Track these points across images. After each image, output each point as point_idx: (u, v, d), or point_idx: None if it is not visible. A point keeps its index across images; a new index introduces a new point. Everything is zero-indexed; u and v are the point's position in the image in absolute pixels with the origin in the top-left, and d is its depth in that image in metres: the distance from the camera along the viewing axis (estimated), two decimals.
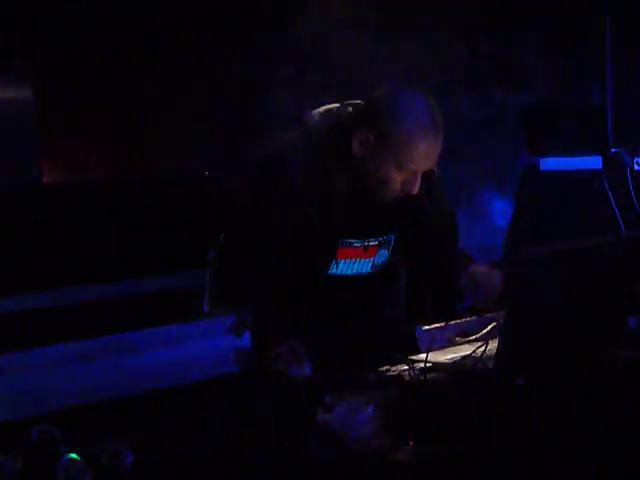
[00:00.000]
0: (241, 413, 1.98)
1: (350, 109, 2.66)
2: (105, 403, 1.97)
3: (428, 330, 2.51)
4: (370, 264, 2.75)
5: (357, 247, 2.71)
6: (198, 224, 2.07)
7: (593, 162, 4.74)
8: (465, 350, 2.39)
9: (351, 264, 2.72)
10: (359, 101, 2.65)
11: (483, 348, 2.31)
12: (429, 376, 2.21)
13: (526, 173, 4.88)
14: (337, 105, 2.72)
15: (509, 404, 2.06)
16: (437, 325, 2.54)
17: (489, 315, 2.56)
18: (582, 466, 1.86)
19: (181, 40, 4.72)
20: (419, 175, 2.56)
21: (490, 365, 2.21)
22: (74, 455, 1.71)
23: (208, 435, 1.89)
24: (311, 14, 4.95)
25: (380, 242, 2.75)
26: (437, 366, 2.29)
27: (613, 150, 4.83)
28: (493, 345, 2.29)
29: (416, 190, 2.58)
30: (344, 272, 2.72)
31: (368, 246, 2.73)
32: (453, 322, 2.54)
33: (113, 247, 2.00)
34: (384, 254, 2.77)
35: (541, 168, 4.76)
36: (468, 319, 2.58)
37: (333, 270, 2.70)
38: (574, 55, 5.63)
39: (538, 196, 4.79)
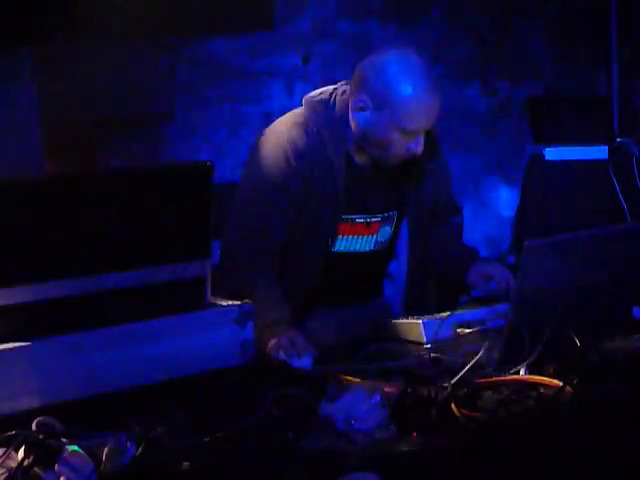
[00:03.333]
0: (244, 404, 1.97)
1: (346, 86, 2.66)
2: (107, 395, 1.96)
3: (432, 320, 2.50)
4: (373, 241, 2.74)
5: (359, 223, 2.71)
6: (202, 214, 2.06)
7: (599, 152, 4.73)
8: (469, 342, 2.38)
9: (353, 241, 2.72)
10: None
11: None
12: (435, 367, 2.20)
13: (532, 163, 4.86)
14: (333, 85, 2.72)
15: (513, 394, 2.06)
16: (441, 315, 2.53)
17: (494, 305, 2.55)
18: (584, 455, 1.84)
19: (184, 32, 4.71)
20: (422, 135, 2.56)
21: (495, 356, 2.20)
22: (76, 447, 1.70)
23: (211, 427, 1.88)
24: (313, 3, 4.93)
25: (383, 218, 2.74)
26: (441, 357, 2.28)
27: (619, 140, 4.82)
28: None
29: (420, 151, 2.57)
30: (346, 249, 2.70)
31: (371, 222, 2.72)
32: (458, 312, 2.52)
33: (115, 238, 1.99)
34: (387, 231, 2.76)
35: (547, 158, 4.75)
36: (473, 310, 2.57)
37: (335, 247, 2.68)
38: (580, 45, 5.60)
39: (544, 186, 4.77)
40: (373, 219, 2.73)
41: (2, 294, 1.89)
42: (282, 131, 2.68)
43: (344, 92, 2.66)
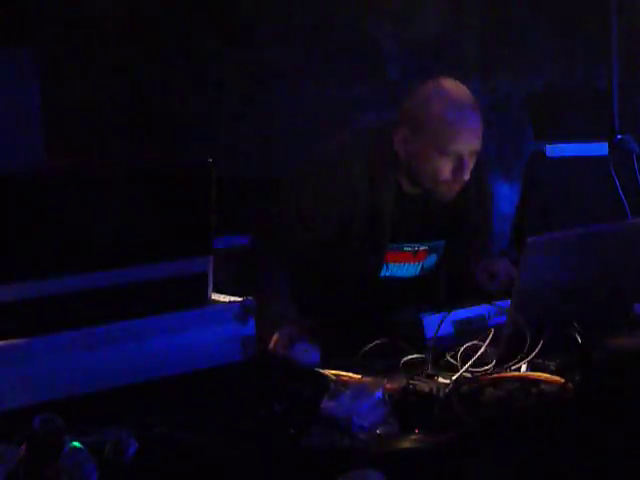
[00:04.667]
0: (246, 401, 1.97)
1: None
2: (108, 391, 1.96)
3: (433, 317, 2.49)
4: (419, 268, 2.78)
5: (407, 252, 2.74)
6: (204, 211, 2.06)
7: (599, 148, 4.72)
8: (471, 338, 2.38)
9: (401, 267, 2.75)
10: None
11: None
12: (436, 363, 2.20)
13: (532, 159, 4.85)
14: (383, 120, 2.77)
15: (514, 391, 2.05)
16: (442, 312, 2.52)
17: (496, 302, 2.55)
18: (585, 452, 1.84)
19: (185, 33, 4.71)
20: (466, 159, 2.57)
21: (496, 352, 2.20)
22: (77, 444, 1.70)
23: (212, 423, 1.88)
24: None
25: (430, 248, 2.77)
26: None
27: (619, 136, 4.81)
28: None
29: (467, 176, 2.58)
30: (393, 274, 2.74)
31: (418, 251, 2.75)
32: (459, 310, 2.53)
33: (117, 234, 1.99)
34: (433, 258, 2.79)
35: (547, 154, 4.74)
36: (474, 307, 2.56)
37: (383, 273, 2.72)
38: (580, 40, 5.60)
39: (544, 182, 4.77)
40: (421, 247, 2.77)
41: (2, 290, 1.89)
42: (333, 155, 2.70)
43: (389, 122, 2.69)
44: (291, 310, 2.54)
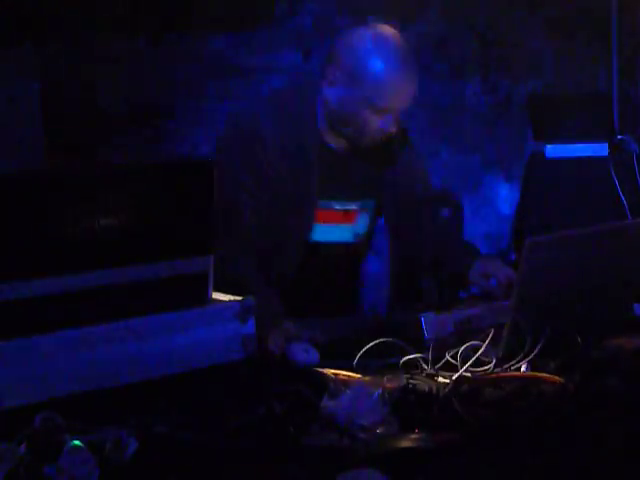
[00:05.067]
0: (245, 400, 1.97)
1: (311, 77, 2.64)
2: (109, 390, 1.96)
3: (433, 317, 2.49)
4: (352, 232, 2.71)
5: (337, 210, 2.67)
6: (204, 210, 2.06)
7: (599, 149, 4.73)
8: (470, 338, 2.38)
9: (332, 230, 2.67)
10: None
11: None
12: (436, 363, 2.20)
13: (532, 160, 4.86)
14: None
15: (514, 391, 2.06)
16: (442, 311, 2.52)
17: (495, 303, 2.55)
18: (585, 452, 1.84)
19: (185, 30, 4.72)
20: (395, 115, 2.53)
21: (496, 352, 2.20)
22: (78, 442, 1.70)
23: (212, 422, 1.89)
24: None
25: (360, 207, 2.71)
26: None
27: (619, 137, 4.82)
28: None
29: (393, 130, 2.53)
30: (326, 239, 2.67)
31: (348, 210, 2.68)
32: (458, 310, 2.52)
33: (116, 233, 1.99)
34: (365, 221, 2.72)
35: (547, 155, 4.75)
36: (474, 307, 2.56)
37: (315, 236, 2.65)
38: (580, 41, 5.60)
39: (544, 183, 4.77)
40: (351, 206, 2.69)
41: (2, 289, 1.89)
42: (252, 115, 2.65)
43: (311, 77, 2.63)
44: (281, 307, 2.50)
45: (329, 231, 2.67)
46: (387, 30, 2.55)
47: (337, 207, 2.66)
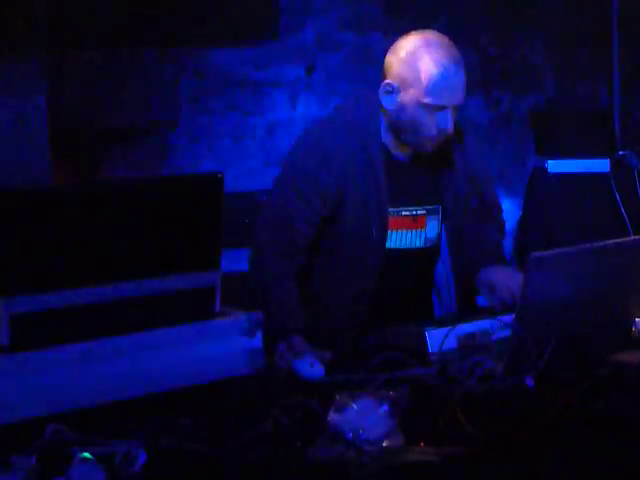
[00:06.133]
0: (253, 414, 1.98)
1: (373, 91, 2.70)
2: (118, 403, 1.97)
3: (437, 330, 2.50)
4: (423, 237, 2.77)
5: (406, 216, 2.73)
6: (213, 224, 2.08)
7: (601, 164, 4.74)
8: (475, 352, 2.39)
9: (404, 236, 2.74)
10: None
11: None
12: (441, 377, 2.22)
13: (534, 175, 4.88)
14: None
15: (519, 405, 2.07)
16: (446, 327, 2.53)
17: (500, 317, 2.56)
18: (589, 468, 1.86)
19: (189, 45, 4.74)
20: (450, 112, 2.59)
21: (500, 367, 2.21)
22: (87, 455, 1.72)
23: (219, 436, 1.90)
24: (317, 14, 4.96)
25: (428, 211, 2.77)
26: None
27: (621, 152, 4.83)
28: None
29: (451, 128, 2.60)
30: (399, 245, 2.73)
31: (417, 215, 2.74)
32: (462, 324, 2.53)
33: (125, 247, 2.00)
34: (434, 225, 2.78)
35: (549, 170, 4.76)
36: (478, 321, 2.57)
37: (388, 243, 2.71)
38: (582, 56, 5.63)
39: (546, 198, 4.78)
40: (419, 212, 2.76)
41: (12, 302, 1.91)
42: (315, 130, 2.74)
43: (372, 94, 2.71)
44: (300, 322, 2.54)
45: (401, 237, 2.74)
46: (430, 32, 2.69)
47: (406, 213, 2.73)
